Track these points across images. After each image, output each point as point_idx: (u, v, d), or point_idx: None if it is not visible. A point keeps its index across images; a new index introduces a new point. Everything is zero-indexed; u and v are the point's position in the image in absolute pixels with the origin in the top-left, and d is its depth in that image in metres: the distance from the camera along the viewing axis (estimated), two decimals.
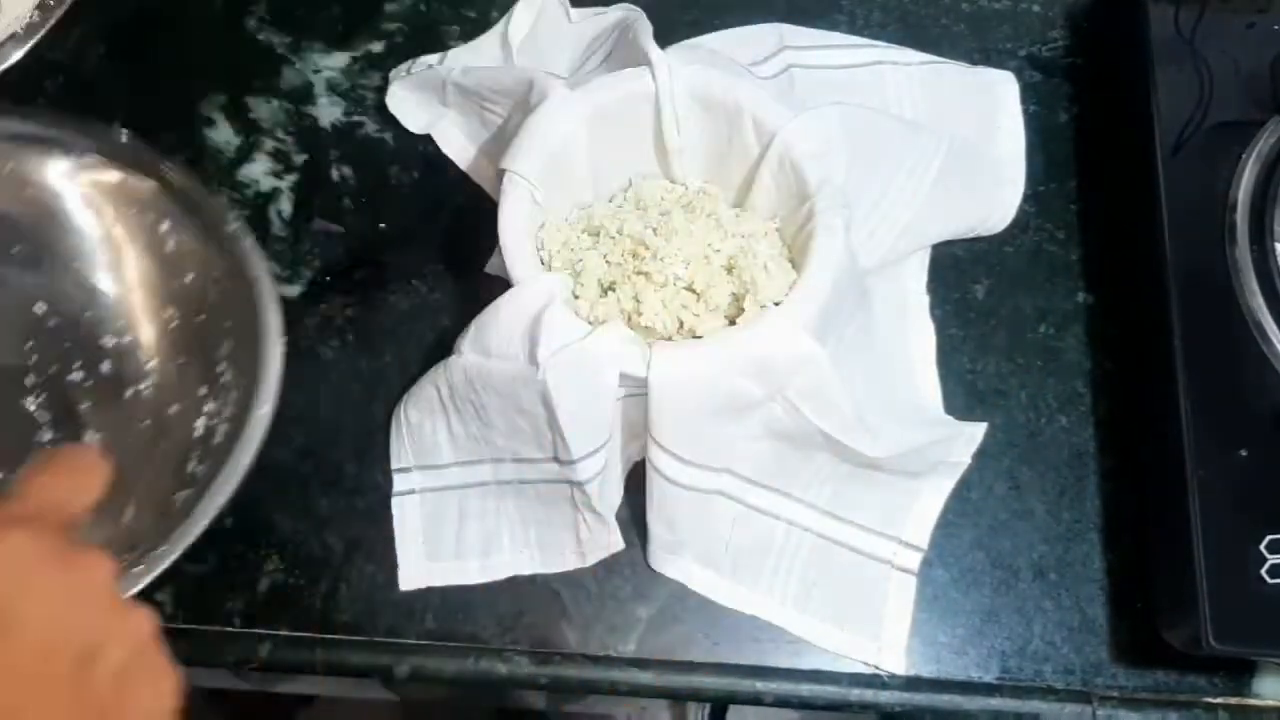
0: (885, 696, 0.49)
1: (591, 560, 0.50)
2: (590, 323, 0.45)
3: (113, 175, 0.53)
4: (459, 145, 0.58)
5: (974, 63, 0.60)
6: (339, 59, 0.62)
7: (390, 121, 0.60)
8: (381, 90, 0.60)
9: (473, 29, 0.62)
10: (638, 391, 0.44)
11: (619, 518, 0.50)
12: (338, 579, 0.51)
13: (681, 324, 0.46)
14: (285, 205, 0.59)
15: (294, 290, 0.57)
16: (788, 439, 0.47)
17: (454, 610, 0.51)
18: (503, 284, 0.46)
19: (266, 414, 0.47)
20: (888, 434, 0.47)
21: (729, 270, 0.47)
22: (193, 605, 0.51)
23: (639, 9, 0.55)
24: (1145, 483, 0.51)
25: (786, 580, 0.50)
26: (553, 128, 0.48)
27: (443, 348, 0.54)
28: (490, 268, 0.54)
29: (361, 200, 0.59)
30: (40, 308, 0.54)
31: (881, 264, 0.53)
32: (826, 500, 0.50)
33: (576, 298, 0.47)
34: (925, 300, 0.55)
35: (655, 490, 0.47)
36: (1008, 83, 0.58)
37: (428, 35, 0.62)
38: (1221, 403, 0.48)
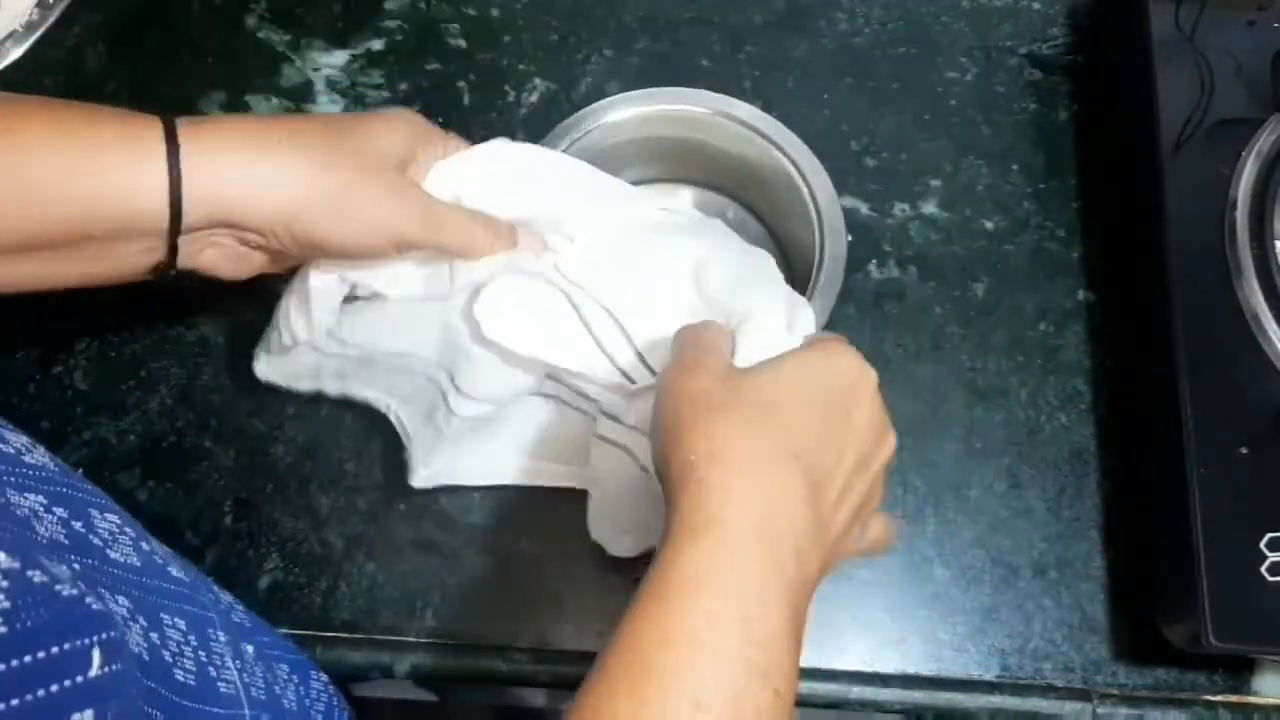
0: (885, 694, 0.49)
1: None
2: None
3: None
4: None
5: (975, 60, 0.60)
6: (339, 57, 0.62)
7: None
8: (382, 88, 0.60)
9: (472, 27, 0.62)
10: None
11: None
12: (337, 577, 0.51)
13: None
14: None
15: None
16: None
17: (454, 608, 0.51)
18: None
19: None
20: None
21: None
22: None
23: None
24: (1146, 481, 0.51)
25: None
26: None
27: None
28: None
29: None
30: None
31: None
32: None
33: None
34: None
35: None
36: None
37: (427, 33, 0.62)
38: (1222, 401, 0.48)
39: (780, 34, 0.62)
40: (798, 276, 0.56)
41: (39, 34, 0.60)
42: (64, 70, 0.62)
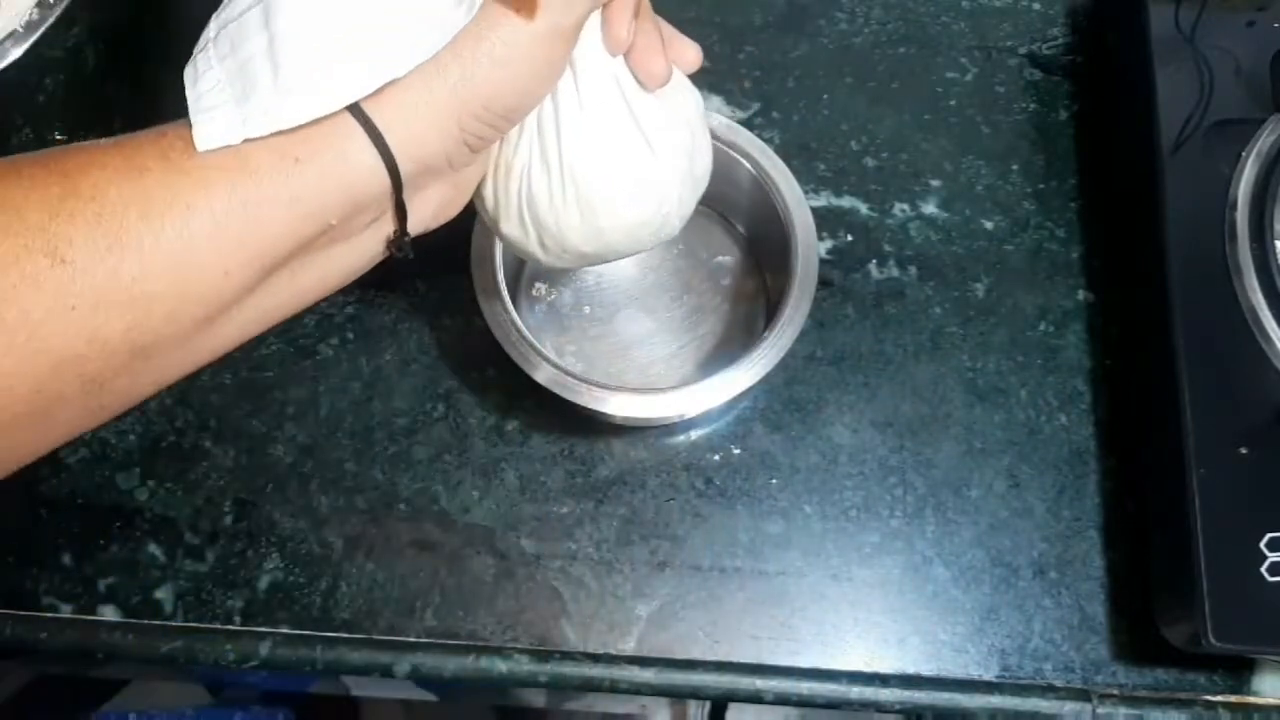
0: (885, 694, 0.49)
1: None
2: None
3: None
4: None
5: (975, 60, 0.60)
6: None
7: None
8: None
9: None
10: None
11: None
12: (337, 577, 0.51)
13: None
14: None
15: None
16: None
17: (453, 608, 0.51)
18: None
19: None
20: None
21: None
22: (192, 603, 0.51)
23: None
24: (1145, 481, 0.51)
25: None
26: None
27: (443, 346, 0.54)
28: None
29: None
30: None
31: None
32: None
33: None
34: None
35: None
36: None
37: None
38: (1222, 401, 0.48)
39: (780, 34, 0.62)
40: (772, 280, 0.55)
41: (39, 34, 0.60)
42: (64, 70, 0.62)
